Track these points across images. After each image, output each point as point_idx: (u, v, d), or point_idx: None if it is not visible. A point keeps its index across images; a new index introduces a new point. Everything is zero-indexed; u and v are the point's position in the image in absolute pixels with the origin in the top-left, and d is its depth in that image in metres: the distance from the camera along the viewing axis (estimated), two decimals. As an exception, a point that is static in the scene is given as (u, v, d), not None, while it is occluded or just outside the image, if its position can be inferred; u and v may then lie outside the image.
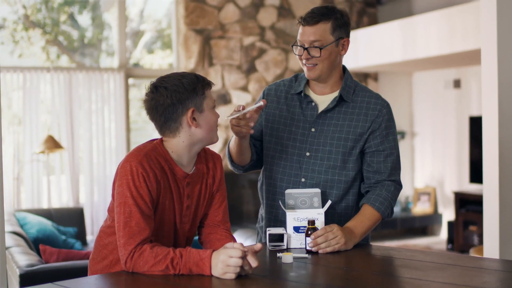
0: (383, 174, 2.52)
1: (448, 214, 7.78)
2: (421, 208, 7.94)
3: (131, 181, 2.10)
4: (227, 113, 6.71)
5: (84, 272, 2.48)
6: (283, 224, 2.49)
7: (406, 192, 8.22)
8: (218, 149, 7.29)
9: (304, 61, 2.50)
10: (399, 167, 2.57)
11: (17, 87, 6.67)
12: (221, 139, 7.31)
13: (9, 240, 4.38)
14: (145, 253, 2.04)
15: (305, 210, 2.39)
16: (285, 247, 2.36)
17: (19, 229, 4.87)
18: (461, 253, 6.84)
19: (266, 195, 2.62)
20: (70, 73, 6.81)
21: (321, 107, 2.55)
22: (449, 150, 7.80)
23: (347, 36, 2.52)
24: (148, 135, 7.40)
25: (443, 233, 7.91)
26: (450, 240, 7.26)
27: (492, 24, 3.49)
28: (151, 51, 8.13)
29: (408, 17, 7.07)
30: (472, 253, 5.57)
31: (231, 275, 1.96)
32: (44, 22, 7.47)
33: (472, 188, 7.27)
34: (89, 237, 6.61)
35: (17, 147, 6.61)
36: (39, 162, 6.56)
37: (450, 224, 7.29)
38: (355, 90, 2.57)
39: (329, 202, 2.41)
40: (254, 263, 1.97)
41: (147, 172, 2.11)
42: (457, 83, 7.62)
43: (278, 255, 2.22)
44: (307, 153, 2.53)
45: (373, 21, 8.17)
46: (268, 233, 2.38)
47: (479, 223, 6.59)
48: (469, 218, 6.96)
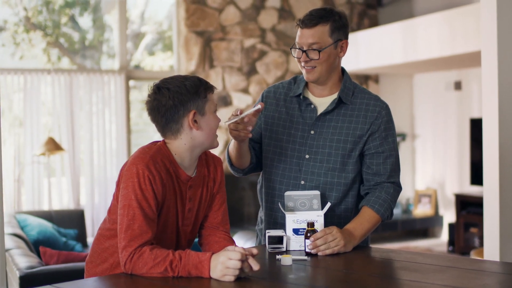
0: (382, 176, 2.51)
1: (449, 216, 7.77)
2: (422, 210, 7.93)
3: (136, 184, 2.09)
4: (228, 115, 6.71)
5: (84, 274, 2.47)
6: (282, 226, 2.49)
7: (407, 194, 8.21)
8: (219, 151, 7.29)
9: (303, 64, 2.49)
10: (398, 169, 2.56)
11: (18, 89, 6.67)
12: (221, 142, 7.31)
13: (10, 242, 4.38)
14: (144, 255, 2.03)
15: (304, 212, 2.38)
16: (284, 249, 2.35)
17: (19, 231, 4.87)
18: (462, 255, 6.83)
19: (266, 197, 2.62)
20: (71, 75, 6.81)
21: (320, 109, 2.55)
22: (450, 152, 7.80)
23: (346, 38, 2.52)
24: (149, 137, 7.40)
25: (444, 235, 7.90)
26: (451, 242, 7.26)
27: (492, 26, 3.48)
28: (152, 53, 8.14)
29: (409, 19, 7.07)
30: (473, 255, 5.57)
31: (230, 278, 1.95)
32: (45, 24, 7.48)
33: (473, 190, 7.27)
34: (89, 239, 6.61)
35: (17, 149, 6.62)
36: (39, 164, 6.56)
37: (451, 226, 7.29)
38: (354, 92, 2.56)
39: (329, 204, 2.41)
40: (256, 266, 1.97)
41: (153, 175, 2.11)
42: (458, 85, 7.61)
43: (277, 257, 2.22)
44: (307, 156, 2.53)
45: (374, 23, 8.17)
46: (267, 235, 2.37)
47: (480, 225, 6.58)
48: (470, 220, 6.95)
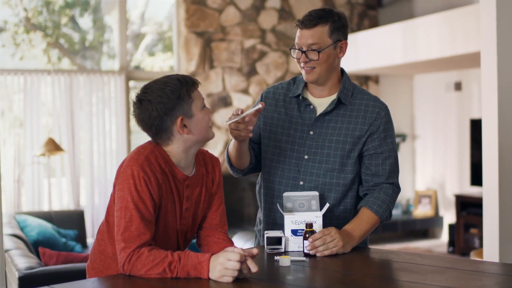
0: (381, 177, 2.51)
1: (449, 216, 7.77)
2: (422, 210, 7.93)
3: (132, 186, 2.08)
4: (228, 115, 6.71)
5: (83, 275, 2.46)
6: (281, 227, 2.48)
7: (407, 195, 8.21)
8: (219, 152, 7.29)
9: (302, 64, 2.49)
10: (397, 170, 2.56)
11: (18, 90, 6.68)
12: (221, 142, 7.31)
13: (9, 242, 4.38)
14: (142, 256, 2.03)
15: (303, 213, 2.38)
16: (283, 250, 2.35)
17: (19, 232, 4.87)
18: (462, 256, 6.82)
19: (264, 198, 2.61)
20: (71, 76, 6.81)
21: (319, 110, 2.55)
22: (450, 153, 7.79)
23: (345, 38, 2.51)
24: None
25: (444, 236, 7.89)
26: (451, 243, 7.25)
27: (492, 28, 3.49)
28: (152, 53, 8.14)
29: (409, 19, 7.07)
30: (473, 256, 5.57)
31: (228, 279, 1.95)
32: (45, 24, 7.48)
33: (473, 191, 7.26)
34: (89, 240, 6.61)
35: (17, 150, 6.62)
36: (39, 164, 6.56)
37: (451, 226, 7.28)
38: (353, 93, 2.56)
39: (327, 205, 2.41)
40: (254, 268, 1.96)
41: (148, 176, 2.10)
42: (458, 86, 7.61)
43: (276, 258, 2.22)
44: (306, 156, 2.53)
45: (374, 24, 8.16)
46: (266, 236, 2.37)
47: (480, 225, 6.57)
48: (470, 221, 6.95)
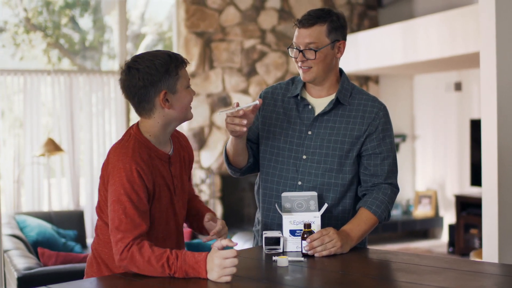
0: (380, 177, 2.51)
1: (449, 217, 7.77)
2: (422, 211, 7.92)
3: (124, 178, 2.09)
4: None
5: (82, 275, 2.46)
6: (279, 227, 2.48)
7: (407, 195, 8.21)
8: (218, 152, 7.29)
9: (299, 64, 2.49)
10: (396, 170, 2.56)
11: (18, 90, 6.68)
12: (221, 142, 7.30)
13: (8, 243, 4.38)
14: (143, 248, 2.04)
15: (301, 213, 2.38)
16: (281, 250, 2.35)
17: (18, 232, 4.87)
18: (462, 256, 6.82)
19: (263, 198, 2.61)
20: (70, 76, 6.81)
21: (318, 110, 2.54)
22: (450, 153, 7.79)
23: (344, 39, 2.51)
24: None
25: (444, 236, 7.89)
26: (451, 243, 7.25)
27: (491, 28, 3.48)
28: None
29: (409, 19, 7.06)
30: (473, 256, 5.57)
31: (227, 278, 1.96)
32: (45, 25, 7.48)
33: (473, 191, 7.26)
34: (89, 240, 6.60)
35: (17, 150, 6.62)
36: (39, 164, 6.56)
37: (451, 227, 7.28)
38: (352, 93, 2.56)
39: (326, 206, 2.40)
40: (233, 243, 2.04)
41: (140, 166, 2.12)
42: (458, 86, 7.61)
43: (274, 258, 2.21)
44: (304, 156, 2.52)
45: (374, 24, 8.16)
46: (264, 236, 2.37)
47: (480, 226, 6.56)
48: (470, 221, 6.95)
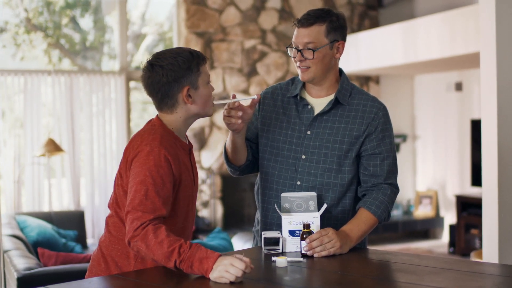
0: (379, 177, 2.50)
1: (449, 217, 7.76)
2: (422, 211, 7.92)
3: (152, 162, 2.12)
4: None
5: (82, 275, 2.45)
6: (278, 227, 2.48)
7: (408, 195, 8.20)
8: (218, 153, 7.29)
9: (298, 63, 2.49)
10: (395, 170, 2.55)
11: (19, 90, 6.68)
12: (221, 142, 7.30)
13: (8, 243, 4.38)
14: (160, 230, 2.04)
15: (300, 213, 2.38)
16: (280, 250, 2.34)
17: (19, 233, 4.87)
18: (462, 257, 6.82)
19: (262, 198, 2.61)
20: (71, 76, 6.81)
21: (317, 110, 2.54)
22: (451, 153, 7.78)
23: (343, 39, 2.50)
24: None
25: (445, 236, 7.89)
26: (452, 243, 7.24)
27: (491, 28, 3.48)
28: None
29: (410, 20, 7.06)
30: (473, 256, 5.56)
31: (225, 280, 1.95)
32: (46, 25, 7.48)
33: (474, 191, 7.25)
34: (89, 241, 6.61)
35: (18, 150, 6.62)
36: (40, 165, 6.56)
37: (452, 227, 7.27)
38: (352, 93, 2.55)
39: (325, 206, 2.40)
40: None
41: (169, 152, 2.16)
42: (458, 86, 7.60)
43: (273, 258, 2.21)
44: (303, 156, 2.52)
45: (375, 24, 8.16)
46: (263, 236, 2.36)
47: (480, 226, 6.56)
48: (470, 222, 6.94)
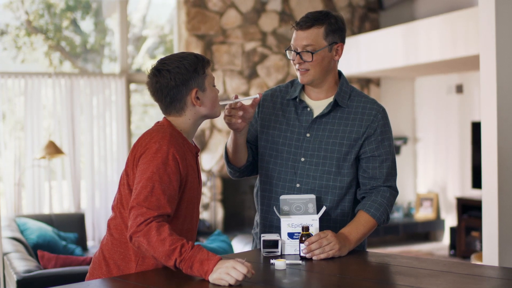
0: (378, 180, 2.50)
1: (450, 219, 7.75)
2: (423, 213, 7.91)
3: (160, 159, 2.13)
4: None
5: (82, 278, 2.45)
6: (278, 230, 2.48)
7: (409, 198, 8.20)
8: (219, 155, 7.29)
9: (297, 66, 2.49)
10: (395, 173, 2.55)
11: (19, 93, 6.69)
12: (222, 144, 7.30)
13: (8, 245, 4.38)
14: (163, 227, 2.04)
15: (299, 216, 2.37)
16: (279, 253, 2.34)
17: (19, 235, 4.87)
18: (463, 259, 6.81)
19: (261, 200, 2.61)
20: (71, 79, 6.82)
21: (316, 112, 2.54)
22: (451, 156, 7.78)
23: (342, 41, 2.50)
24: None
25: (446, 238, 7.88)
26: (453, 245, 7.23)
27: (491, 31, 3.48)
28: (153, 56, 8.14)
29: (410, 22, 7.06)
30: (474, 259, 5.55)
31: (224, 283, 1.95)
32: (46, 27, 7.49)
33: (475, 194, 7.25)
34: (89, 243, 6.61)
35: (18, 152, 6.62)
36: (40, 167, 6.56)
37: (453, 229, 7.26)
38: (351, 95, 2.55)
39: (324, 208, 2.39)
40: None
41: (177, 150, 2.17)
42: (459, 88, 7.60)
43: (272, 261, 2.21)
44: (302, 159, 2.52)
45: (375, 26, 8.16)
46: (262, 239, 2.36)
47: (481, 229, 6.55)
48: (471, 224, 6.93)
